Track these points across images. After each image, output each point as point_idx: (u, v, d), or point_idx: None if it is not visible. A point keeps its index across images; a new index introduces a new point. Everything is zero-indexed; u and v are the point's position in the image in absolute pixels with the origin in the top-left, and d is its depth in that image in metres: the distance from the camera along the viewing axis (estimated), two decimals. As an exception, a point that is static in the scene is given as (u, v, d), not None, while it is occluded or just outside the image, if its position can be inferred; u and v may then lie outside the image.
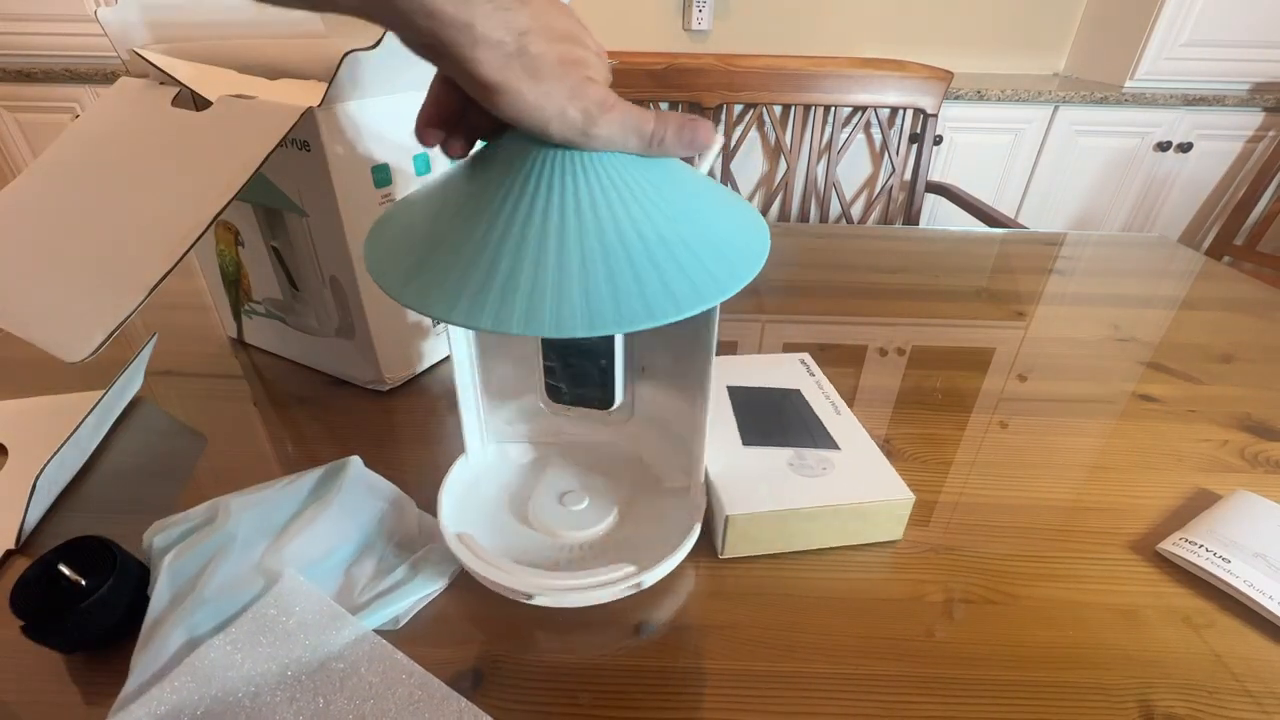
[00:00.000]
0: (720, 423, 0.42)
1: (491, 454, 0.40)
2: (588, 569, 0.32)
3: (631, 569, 0.32)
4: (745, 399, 0.45)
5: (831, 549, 0.37)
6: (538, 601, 0.31)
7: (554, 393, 0.37)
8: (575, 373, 0.36)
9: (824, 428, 0.41)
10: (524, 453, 0.41)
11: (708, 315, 0.31)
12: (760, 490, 0.36)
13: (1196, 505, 0.40)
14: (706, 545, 0.37)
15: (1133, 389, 0.53)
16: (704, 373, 0.33)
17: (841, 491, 0.36)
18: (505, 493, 0.38)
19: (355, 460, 0.38)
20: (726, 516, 0.35)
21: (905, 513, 0.37)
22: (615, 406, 0.37)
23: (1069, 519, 0.40)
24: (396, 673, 0.28)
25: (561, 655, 0.31)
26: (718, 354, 0.50)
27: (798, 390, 0.46)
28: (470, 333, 0.36)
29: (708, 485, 0.37)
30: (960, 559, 0.36)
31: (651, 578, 0.32)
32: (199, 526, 0.34)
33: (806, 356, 0.50)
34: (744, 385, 0.46)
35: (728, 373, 0.48)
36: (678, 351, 0.35)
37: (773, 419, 0.42)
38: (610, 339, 0.35)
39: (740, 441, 0.40)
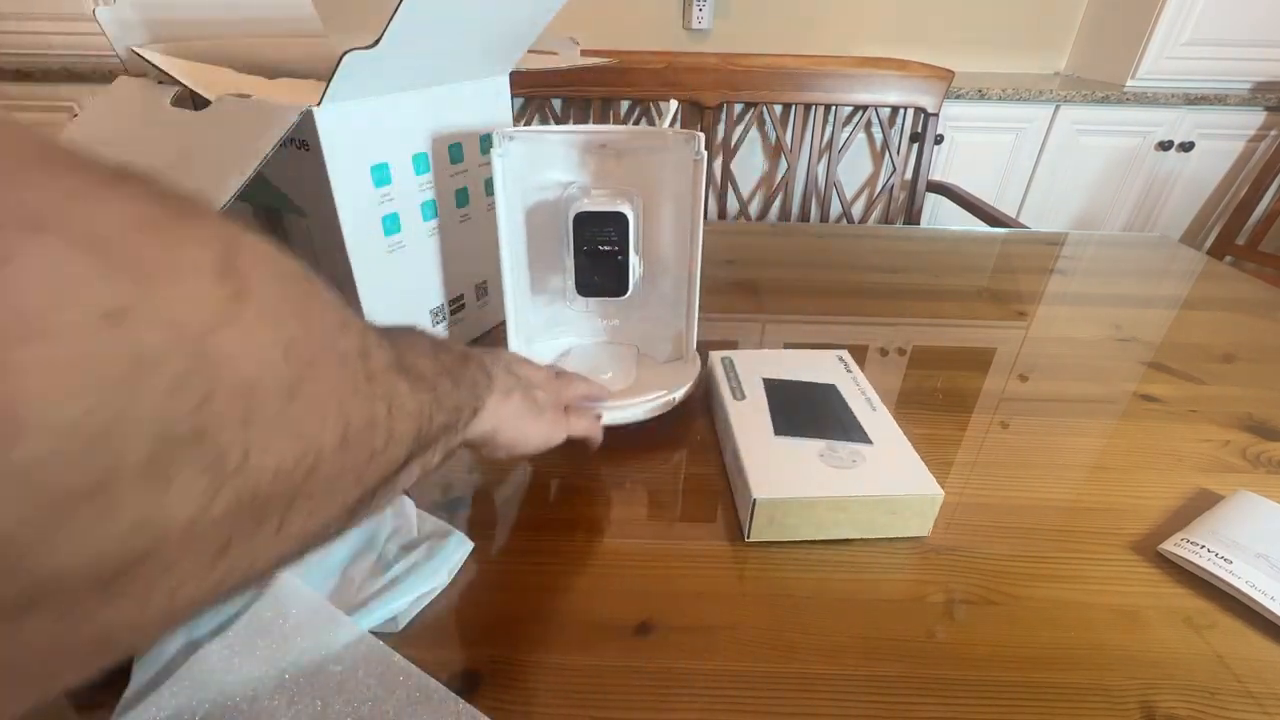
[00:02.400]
0: (754, 413, 0.43)
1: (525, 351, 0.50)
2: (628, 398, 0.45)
3: (664, 392, 0.46)
4: (780, 391, 0.45)
5: (845, 545, 0.37)
6: (606, 419, 0.42)
7: (583, 286, 0.45)
8: (598, 264, 0.44)
9: (857, 422, 0.42)
10: (552, 348, 0.52)
11: (696, 179, 0.43)
12: (789, 477, 0.37)
13: (1198, 505, 0.40)
14: (719, 537, 0.37)
15: (1134, 389, 0.53)
16: (694, 232, 0.45)
17: (869, 484, 0.36)
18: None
19: (354, 460, 0.38)
20: (754, 500, 0.35)
21: (934, 509, 0.37)
22: (629, 294, 0.46)
23: (1070, 519, 0.39)
24: (394, 675, 0.28)
25: (561, 655, 0.30)
26: (731, 349, 0.50)
27: (833, 385, 0.46)
28: (518, 250, 0.48)
29: (738, 470, 0.39)
30: (961, 559, 0.36)
31: (680, 394, 0.46)
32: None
33: (845, 354, 0.50)
34: (780, 379, 0.47)
35: (765, 366, 0.48)
36: (674, 224, 0.47)
37: (806, 411, 0.43)
38: (624, 234, 0.43)
39: (772, 431, 0.41)
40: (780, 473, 0.37)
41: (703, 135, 0.42)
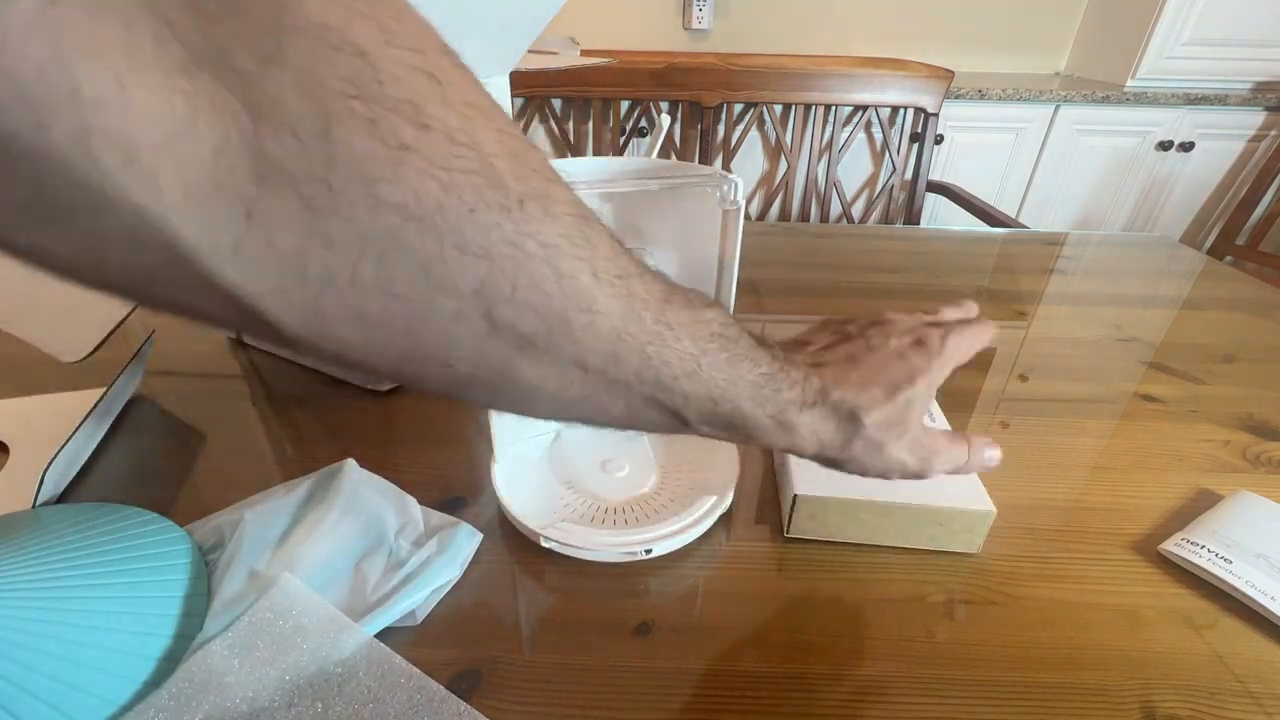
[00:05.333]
0: None
1: (510, 452, 0.40)
2: (673, 515, 0.36)
3: (714, 498, 0.37)
4: None
5: (844, 545, 0.37)
6: (655, 552, 0.35)
7: None
8: None
9: None
10: (540, 442, 0.43)
11: (727, 232, 0.35)
12: (833, 476, 0.34)
13: (1198, 505, 0.40)
14: (716, 534, 0.37)
15: (1134, 389, 0.53)
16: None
17: (916, 492, 0.35)
18: (550, 476, 0.40)
19: (350, 463, 0.38)
20: (795, 496, 0.35)
21: (984, 526, 0.35)
22: None
23: (1070, 519, 0.39)
24: (395, 676, 0.28)
25: (561, 655, 0.30)
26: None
27: None
28: None
29: (783, 464, 0.38)
30: (961, 559, 0.36)
31: (726, 502, 0.37)
32: (209, 549, 0.34)
33: None
34: None
35: None
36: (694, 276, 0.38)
37: None
38: None
39: None
40: (824, 470, 0.34)
41: (740, 180, 0.34)
